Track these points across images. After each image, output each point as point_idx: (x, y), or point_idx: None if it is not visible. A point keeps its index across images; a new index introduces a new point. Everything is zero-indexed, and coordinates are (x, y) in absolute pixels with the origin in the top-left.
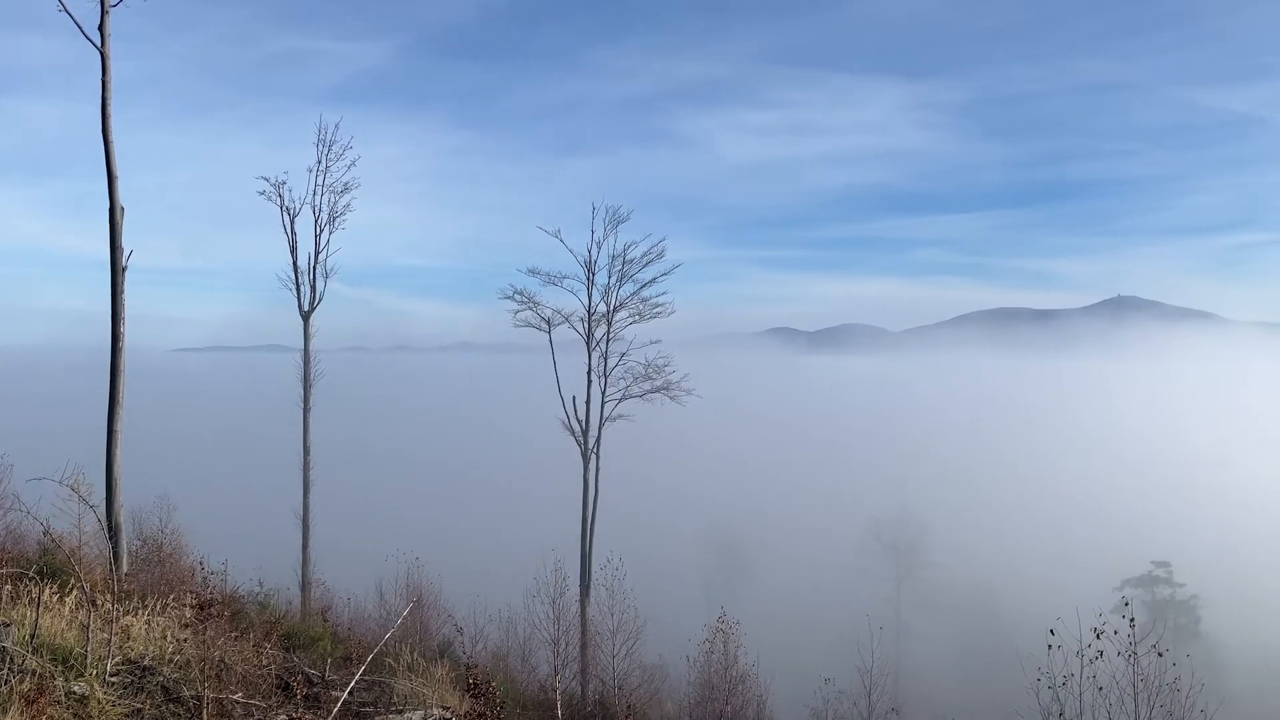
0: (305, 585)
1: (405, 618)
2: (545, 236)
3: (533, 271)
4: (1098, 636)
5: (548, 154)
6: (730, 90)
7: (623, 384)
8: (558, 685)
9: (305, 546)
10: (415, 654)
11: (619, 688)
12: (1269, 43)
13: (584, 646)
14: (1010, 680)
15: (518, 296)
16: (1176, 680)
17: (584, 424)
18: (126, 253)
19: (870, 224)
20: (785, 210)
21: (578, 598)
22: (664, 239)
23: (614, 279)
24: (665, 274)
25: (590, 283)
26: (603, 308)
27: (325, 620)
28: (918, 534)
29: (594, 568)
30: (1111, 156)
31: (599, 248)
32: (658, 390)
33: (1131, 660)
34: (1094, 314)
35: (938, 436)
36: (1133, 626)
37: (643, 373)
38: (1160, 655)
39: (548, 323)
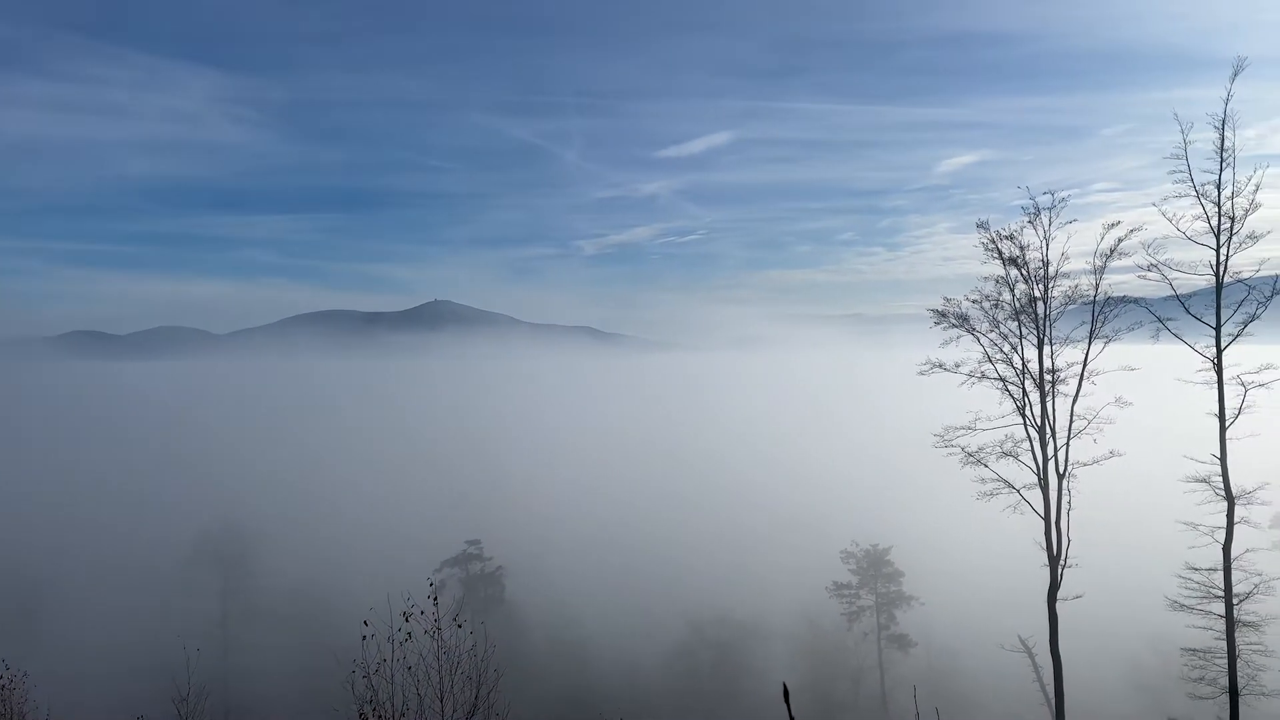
0: None
1: None
2: None
3: None
4: (406, 619)
5: None
6: (4, 52)
7: None
8: None
9: None
10: None
11: None
12: (543, 84)
13: None
14: (335, 677)
15: None
16: (474, 647)
17: None
18: None
19: (190, 220)
20: (87, 199)
21: None
22: None
23: None
24: None
25: None
26: None
27: None
28: (245, 543)
29: None
30: (432, 171)
31: None
32: None
33: (436, 636)
34: (414, 317)
35: (265, 441)
36: (436, 605)
37: None
38: (459, 626)
39: None
